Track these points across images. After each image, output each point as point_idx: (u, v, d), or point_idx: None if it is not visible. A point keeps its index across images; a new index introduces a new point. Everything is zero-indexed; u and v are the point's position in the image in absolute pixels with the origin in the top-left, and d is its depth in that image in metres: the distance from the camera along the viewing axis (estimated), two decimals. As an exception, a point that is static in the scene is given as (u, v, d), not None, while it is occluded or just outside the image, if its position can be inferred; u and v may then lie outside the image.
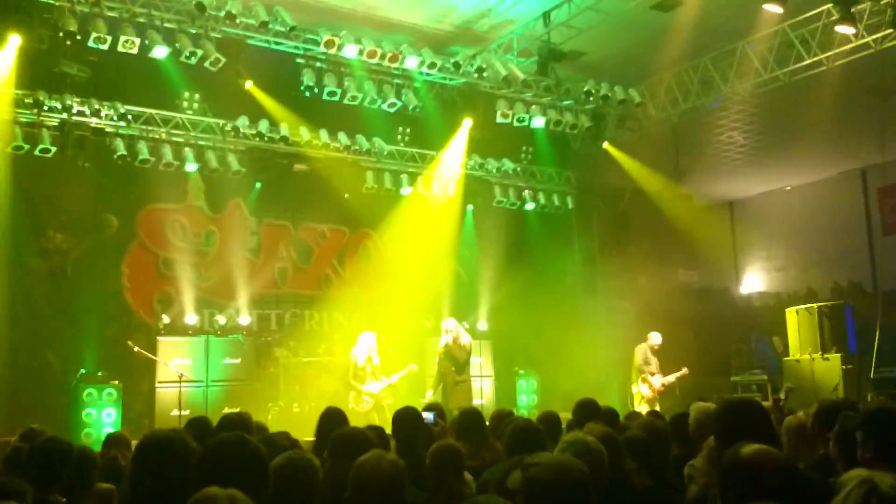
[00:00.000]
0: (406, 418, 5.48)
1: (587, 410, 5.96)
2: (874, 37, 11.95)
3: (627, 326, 13.92)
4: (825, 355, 13.93)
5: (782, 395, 10.16)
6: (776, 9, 11.48)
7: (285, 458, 3.30)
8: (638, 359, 13.04)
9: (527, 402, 14.77)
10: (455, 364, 11.79)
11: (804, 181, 20.06)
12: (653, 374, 12.92)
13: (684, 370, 13.02)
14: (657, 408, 12.02)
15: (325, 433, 5.20)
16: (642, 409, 11.89)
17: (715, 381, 15.43)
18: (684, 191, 17.74)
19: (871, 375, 13.48)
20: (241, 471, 2.92)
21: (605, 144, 15.70)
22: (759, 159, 18.55)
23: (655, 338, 13.18)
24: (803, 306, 15.06)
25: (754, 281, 21.95)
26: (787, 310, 15.13)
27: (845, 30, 11.70)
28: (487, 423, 6.18)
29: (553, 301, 15.01)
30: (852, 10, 11.39)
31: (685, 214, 17.64)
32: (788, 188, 20.72)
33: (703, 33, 12.83)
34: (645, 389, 12.86)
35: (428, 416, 6.25)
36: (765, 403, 7.47)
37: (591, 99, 14.41)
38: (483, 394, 14.63)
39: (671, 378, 12.98)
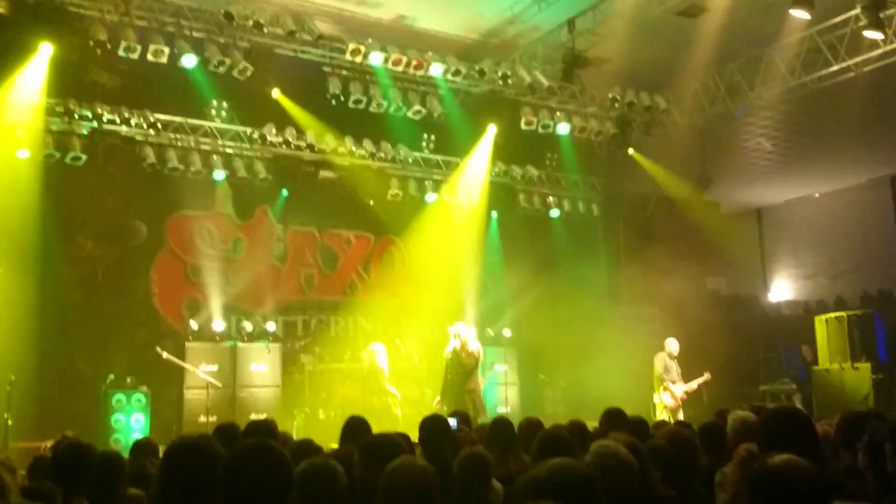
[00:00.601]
0: (434, 426, 5.45)
1: (615, 420, 5.91)
2: (903, 42, 11.83)
3: (654, 334, 13.79)
4: (855, 364, 13.76)
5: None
6: (803, 14, 11.40)
7: (309, 463, 3.31)
8: (658, 367, 12.58)
9: (552, 410, 14.70)
10: (463, 371, 11.22)
11: (833, 188, 19.86)
12: (674, 383, 12.50)
13: (706, 375, 12.65)
14: (681, 417, 11.87)
15: (348, 442, 5.22)
16: (664, 418, 11.65)
17: (743, 391, 15.28)
18: (711, 198, 17.63)
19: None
20: (267, 477, 2.94)
21: (631, 151, 15.62)
22: (786, 166, 18.39)
23: (673, 344, 12.74)
24: (832, 314, 14.89)
25: (783, 289, 21.73)
26: (816, 318, 14.96)
27: (874, 35, 11.60)
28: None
29: (579, 308, 14.95)
30: (881, 15, 11.29)
31: (712, 221, 17.53)
32: (817, 195, 20.52)
33: (729, 39, 12.76)
34: (667, 398, 12.41)
35: (451, 422, 6.22)
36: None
37: (617, 105, 14.39)
38: (508, 401, 14.62)
39: (693, 385, 12.63)
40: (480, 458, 4.34)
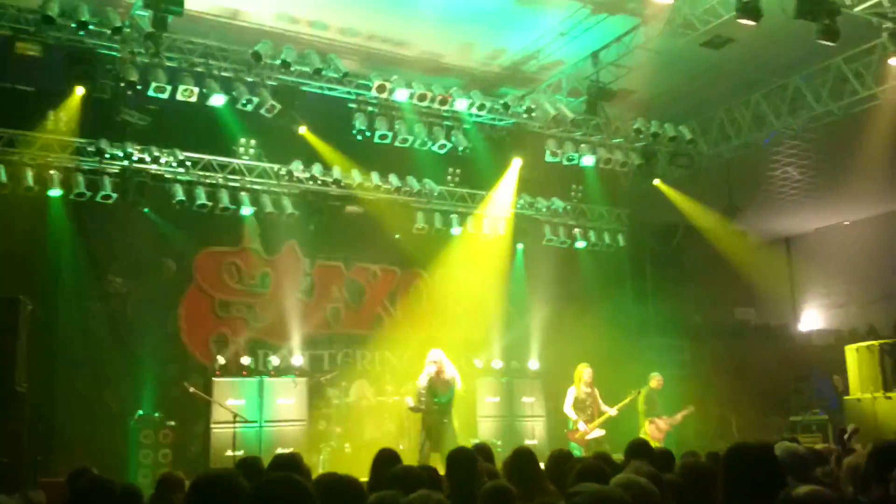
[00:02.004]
0: (462, 459, 5.41)
1: (639, 451, 5.85)
2: (930, 69, 11.76)
3: (683, 365, 13.70)
4: (888, 394, 13.51)
5: (848, 431, 9.91)
6: (829, 43, 11.37)
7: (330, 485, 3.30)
8: (644, 402, 12.95)
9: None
10: (438, 400, 10.66)
11: (862, 216, 19.68)
12: (659, 417, 12.89)
13: (690, 408, 13.00)
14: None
15: (379, 474, 5.20)
16: None
17: (774, 421, 15.07)
18: (739, 227, 17.52)
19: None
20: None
21: (657, 182, 15.59)
22: (815, 194, 18.27)
23: (656, 380, 13.11)
24: (864, 343, 14.66)
25: (813, 318, 21.47)
26: (847, 347, 14.74)
27: (900, 63, 11.54)
28: (543, 465, 6.09)
29: (606, 340, 14.84)
30: (907, 42, 11.23)
31: (740, 251, 17.40)
32: (847, 223, 20.33)
33: (754, 69, 12.78)
34: (653, 431, 12.73)
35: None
36: (823, 445, 7.29)
37: (642, 137, 14.38)
38: (535, 434, 14.50)
39: (678, 417, 13.00)
40: (504, 490, 4.31)
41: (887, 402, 13.40)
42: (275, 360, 13.41)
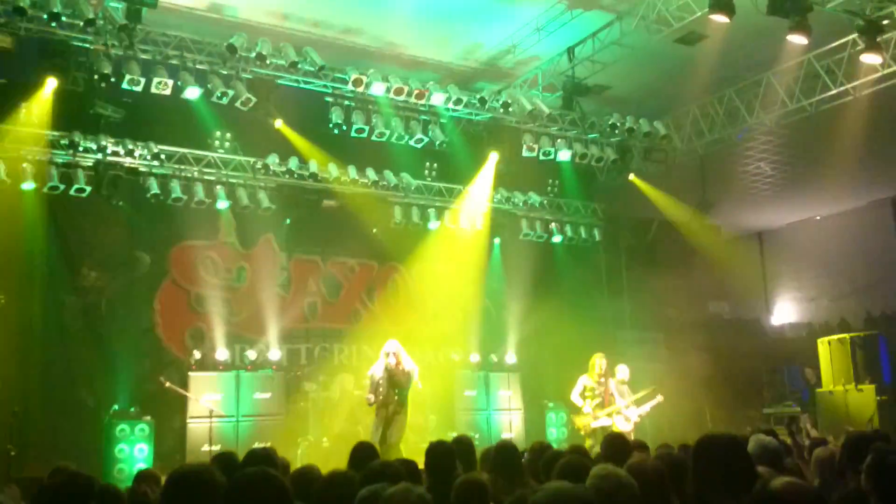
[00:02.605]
0: (440, 453, 5.44)
1: (616, 444, 5.91)
2: (900, 66, 11.92)
3: (657, 359, 13.81)
4: (859, 386, 13.74)
5: (801, 423, 10.00)
6: (801, 39, 11.49)
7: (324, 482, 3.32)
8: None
9: (556, 436, 14.67)
10: (399, 392, 10.68)
11: (834, 211, 19.92)
12: (626, 408, 12.38)
13: (659, 397, 12.54)
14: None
15: (357, 468, 5.22)
16: None
17: (747, 414, 15.25)
18: (712, 222, 17.68)
19: (907, 407, 13.27)
20: (266, 504, 2.97)
21: (632, 177, 15.71)
22: (787, 189, 18.46)
23: (623, 371, 12.68)
24: (835, 337, 14.88)
25: (785, 311, 21.72)
26: (819, 340, 14.95)
27: (871, 59, 11.68)
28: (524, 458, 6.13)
29: (581, 333, 14.93)
30: (878, 39, 11.38)
31: (714, 245, 17.56)
32: (818, 218, 20.57)
33: (727, 65, 12.87)
34: (621, 423, 12.28)
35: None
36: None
37: (617, 132, 14.47)
38: (512, 427, 14.59)
39: (647, 408, 12.51)
40: (478, 484, 4.34)
41: (858, 394, 13.63)
42: (251, 355, 13.38)
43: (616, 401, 12.24)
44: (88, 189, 11.88)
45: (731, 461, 3.64)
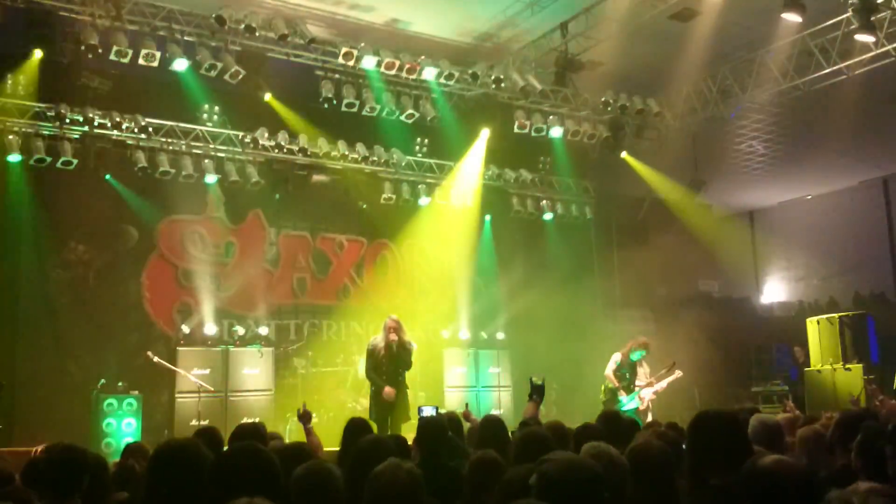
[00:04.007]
0: (431, 427, 5.43)
1: (612, 422, 5.89)
2: (894, 45, 11.87)
3: (647, 336, 13.81)
4: (847, 365, 13.78)
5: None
6: (795, 18, 11.44)
7: (305, 467, 3.31)
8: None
9: (545, 413, 14.68)
10: (402, 372, 9.97)
11: (825, 190, 19.93)
12: (639, 388, 12.24)
13: (678, 372, 12.28)
14: (649, 418, 11.78)
15: (349, 444, 5.19)
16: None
17: (736, 392, 15.32)
18: (703, 200, 17.68)
19: (894, 386, 13.32)
20: (254, 480, 2.95)
21: (624, 154, 15.67)
22: (779, 168, 18.45)
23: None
24: (824, 316, 14.92)
25: (775, 290, 21.79)
26: (808, 320, 14.99)
27: (865, 38, 11.64)
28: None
29: (572, 311, 14.97)
30: (872, 18, 11.33)
31: (705, 224, 17.58)
32: (809, 197, 20.59)
33: (721, 43, 12.80)
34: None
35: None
36: (786, 415, 7.42)
37: (609, 109, 14.41)
38: (502, 404, 14.61)
39: (664, 384, 12.24)
40: (492, 461, 4.30)
41: (846, 373, 13.68)
42: (240, 330, 13.32)
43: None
44: (75, 162, 11.76)
45: (728, 438, 3.65)
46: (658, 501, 3.77)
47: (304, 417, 7.20)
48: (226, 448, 4.12)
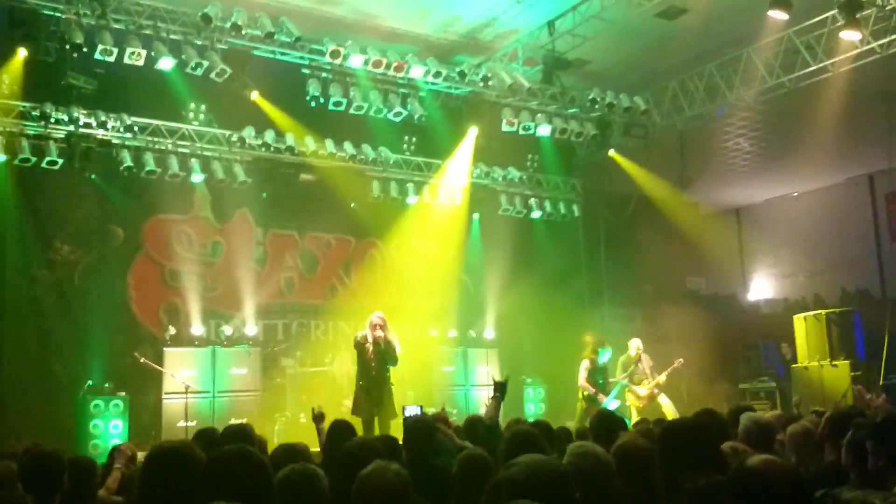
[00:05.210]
0: (419, 428, 5.42)
1: (605, 423, 5.89)
2: (880, 42, 11.93)
3: (635, 334, 13.83)
4: (834, 362, 13.87)
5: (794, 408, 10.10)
6: (781, 15, 11.47)
7: (290, 469, 3.30)
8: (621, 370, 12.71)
9: (534, 411, 14.71)
10: (388, 368, 9.94)
11: (811, 187, 20.02)
12: (639, 384, 12.50)
13: (679, 361, 12.49)
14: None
15: (333, 446, 5.18)
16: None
17: (723, 389, 15.35)
18: (691, 198, 17.72)
19: (881, 382, 13.40)
20: (246, 483, 2.94)
21: (611, 152, 15.68)
22: (765, 166, 18.52)
23: (633, 347, 12.72)
24: (811, 313, 15.00)
25: (762, 287, 21.87)
26: (795, 317, 15.06)
27: (851, 35, 11.68)
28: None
29: (560, 309, 14.98)
30: (857, 15, 11.37)
31: (692, 221, 17.63)
32: (795, 194, 20.68)
33: (707, 40, 12.83)
34: (631, 398, 12.58)
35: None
36: (774, 412, 7.44)
37: (597, 107, 14.41)
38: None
39: (662, 377, 12.46)
40: (481, 459, 4.30)
41: (833, 370, 13.76)
42: (227, 330, 13.27)
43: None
44: (60, 161, 11.65)
45: (694, 446, 3.79)
46: (644, 499, 3.80)
47: (318, 418, 7.20)
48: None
